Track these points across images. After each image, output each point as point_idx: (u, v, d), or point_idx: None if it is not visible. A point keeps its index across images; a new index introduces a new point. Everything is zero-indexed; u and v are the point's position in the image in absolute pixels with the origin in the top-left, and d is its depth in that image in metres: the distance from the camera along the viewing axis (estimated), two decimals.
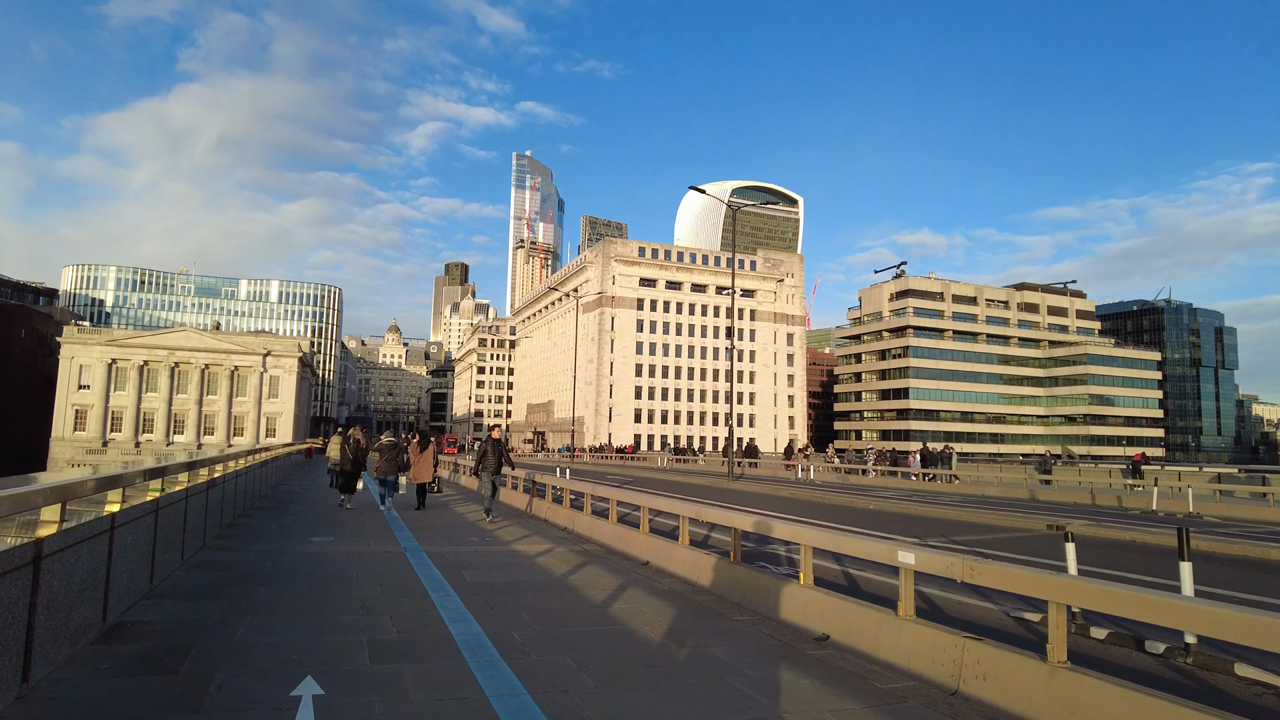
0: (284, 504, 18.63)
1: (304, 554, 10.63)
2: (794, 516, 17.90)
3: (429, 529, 14.30)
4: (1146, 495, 25.57)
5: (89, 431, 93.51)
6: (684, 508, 10.75)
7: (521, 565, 10.34)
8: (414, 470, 18.36)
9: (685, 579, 9.65)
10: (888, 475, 38.63)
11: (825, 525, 11.74)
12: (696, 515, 10.30)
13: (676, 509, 10.82)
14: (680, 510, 10.66)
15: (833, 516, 18.76)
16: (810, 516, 18.41)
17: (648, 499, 12.23)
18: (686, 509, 10.65)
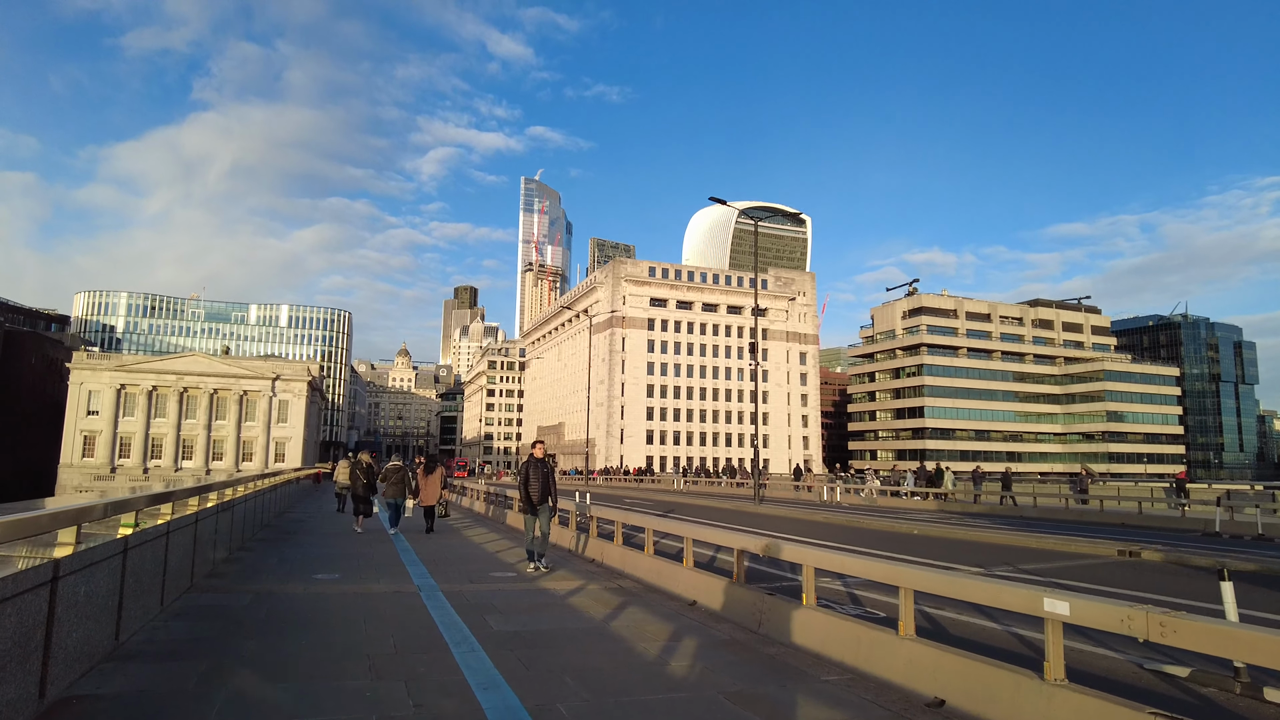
0: (287, 534, 17.37)
1: (305, 596, 9.33)
2: (848, 546, 16.49)
3: (443, 562, 12.99)
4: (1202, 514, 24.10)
5: (97, 458, 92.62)
6: (739, 540, 9.39)
7: (552, 608, 9.01)
8: (422, 494, 18.58)
9: (743, 624, 8.31)
10: (910, 497, 37.09)
11: (905, 560, 10.38)
12: (759, 549, 8.92)
13: (730, 541, 9.47)
14: (734, 543, 9.31)
15: (882, 544, 17.33)
16: (854, 544, 17.00)
17: (690, 528, 10.89)
18: (743, 541, 9.29)
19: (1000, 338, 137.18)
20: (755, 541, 9.21)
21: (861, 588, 11.11)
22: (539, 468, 12.24)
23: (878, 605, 9.94)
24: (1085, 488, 35.74)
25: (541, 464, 12.28)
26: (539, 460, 12.34)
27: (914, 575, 6.36)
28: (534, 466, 12.20)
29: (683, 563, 10.50)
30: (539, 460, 12.34)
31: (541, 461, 12.32)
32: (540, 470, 12.20)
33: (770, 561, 13.10)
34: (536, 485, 12.07)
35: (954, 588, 6.01)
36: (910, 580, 6.31)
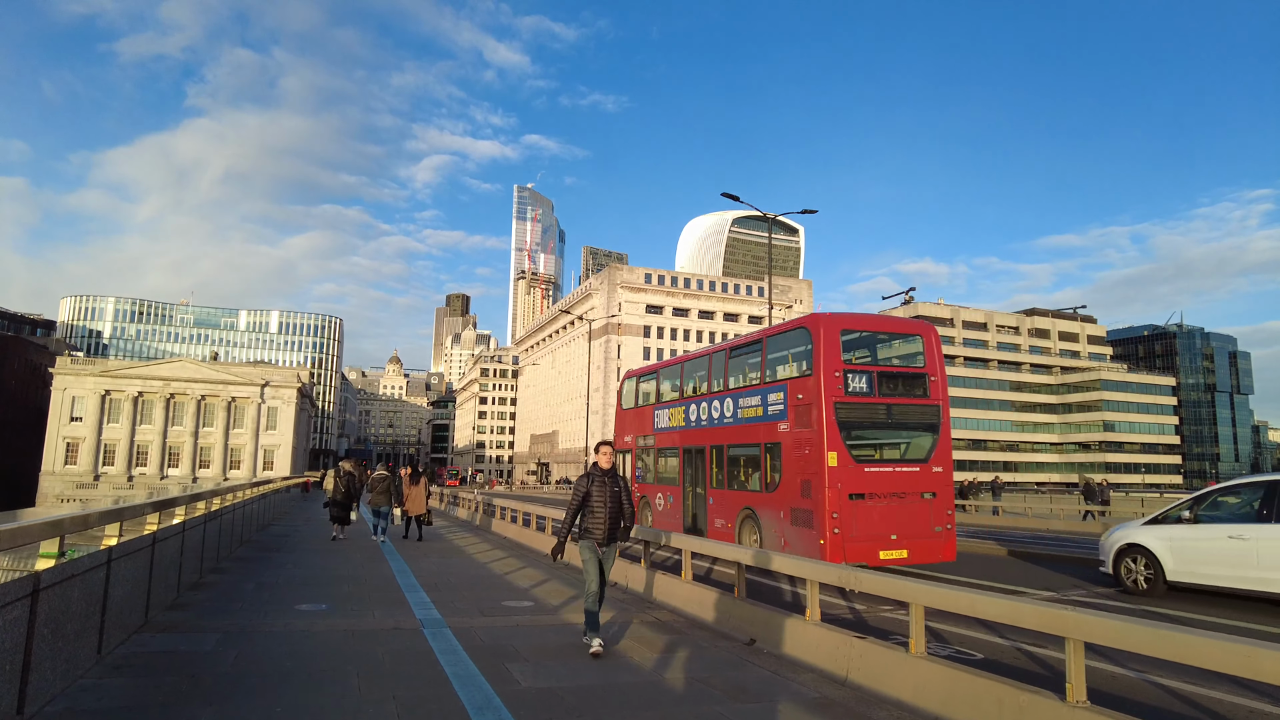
0: (270, 550, 15.68)
1: (284, 636, 7.67)
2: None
3: (446, 587, 11.35)
4: None
5: (80, 465, 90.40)
6: (810, 568, 7.80)
7: (587, 652, 7.40)
8: (408, 503, 18.77)
9: (829, 673, 6.74)
10: None
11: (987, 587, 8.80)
12: (834, 580, 7.32)
13: (798, 570, 7.88)
14: (807, 573, 7.71)
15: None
16: None
17: (735, 550, 9.31)
18: (818, 571, 7.69)
19: (997, 347, 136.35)
20: (829, 571, 7.63)
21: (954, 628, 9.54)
22: (607, 484, 7.85)
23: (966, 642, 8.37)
24: (1107, 498, 34.33)
25: (613, 478, 7.91)
26: (607, 473, 7.90)
27: (1085, 624, 4.86)
28: (600, 482, 7.81)
29: (734, 591, 8.92)
30: (607, 473, 7.90)
31: (613, 475, 7.93)
32: (610, 488, 7.84)
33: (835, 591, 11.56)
34: (604, 511, 7.73)
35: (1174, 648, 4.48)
36: (1078, 629, 4.86)
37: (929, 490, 14.12)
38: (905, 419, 14.76)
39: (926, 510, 14.20)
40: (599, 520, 7.74)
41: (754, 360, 16.70)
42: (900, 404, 14.58)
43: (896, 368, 15.45)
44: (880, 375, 14.58)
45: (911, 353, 15.84)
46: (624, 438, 22.86)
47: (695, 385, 19.34)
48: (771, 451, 15.14)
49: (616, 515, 7.85)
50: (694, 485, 18.44)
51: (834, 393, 13.73)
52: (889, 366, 15.33)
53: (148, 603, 7.65)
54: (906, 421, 14.77)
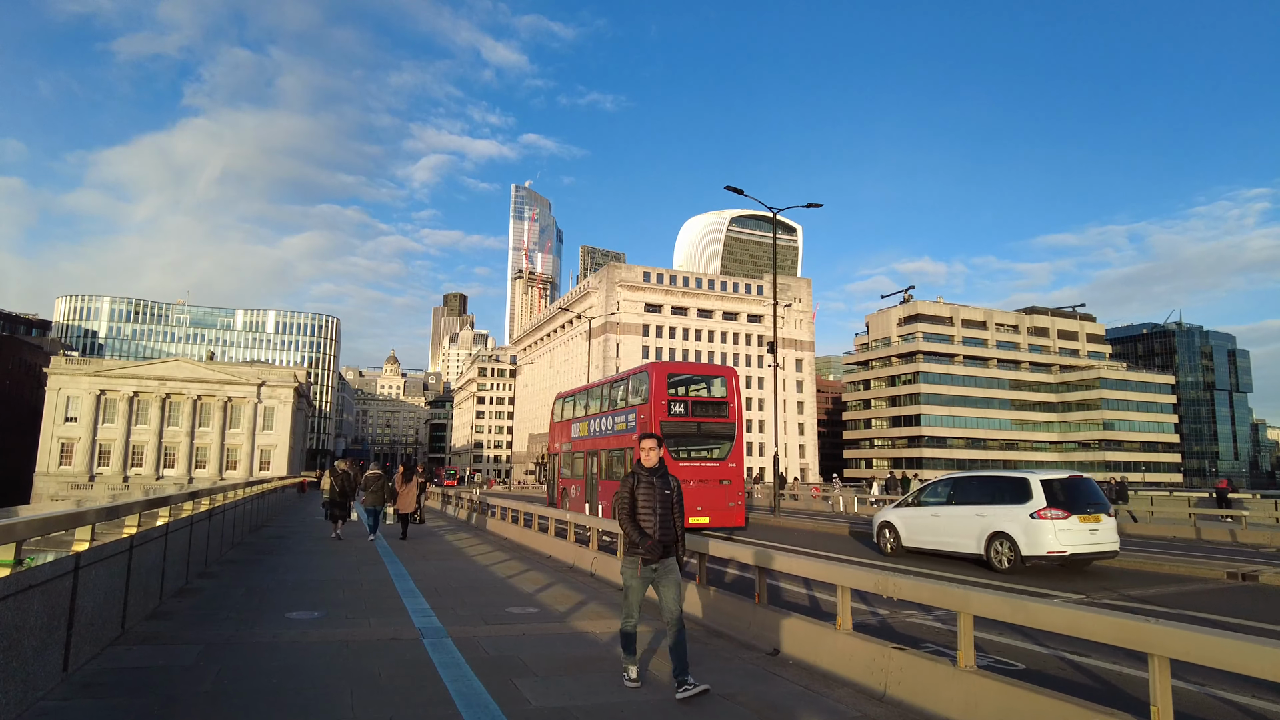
0: (263, 553, 15.10)
1: (272, 648, 7.09)
2: (927, 572, 14.36)
3: (446, 591, 10.78)
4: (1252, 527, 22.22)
5: (75, 465, 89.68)
6: (847, 575, 7.22)
7: (600, 665, 6.83)
8: (400, 501, 19.16)
9: (865, 687, 6.18)
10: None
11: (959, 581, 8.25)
12: (871, 586, 6.75)
13: (830, 576, 7.31)
14: (839, 579, 7.14)
15: (946, 564, 15.22)
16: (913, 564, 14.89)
17: (755, 555, 8.73)
18: (853, 578, 7.11)
19: (996, 345, 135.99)
20: (865, 577, 7.06)
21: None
22: (656, 485, 6.32)
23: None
24: (1126, 495, 33.87)
25: (663, 478, 6.38)
26: (655, 472, 6.39)
27: None
28: (647, 483, 6.31)
29: (754, 598, 8.36)
30: (655, 472, 6.39)
31: (663, 475, 6.41)
32: (660, 490, 6.32)
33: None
34: (653, 519, 6.22)
35: None
36: None
37: (725, 479, 21.47)
38: (710, 431, 22.00)
39: (723, 492, 21.46)
40: (650, 523, 6.26)
41: (621, 392, 24.15)
42: (706, 421, 22.00)
43: (705, 398, 22.92)
44: (692, 403, 22.31)
45: (717, 388, 23.31)
46: (554, 444, 30.51)
47: (590, 407, 26.68)
48: (629, 452, 21.89)
49: (669, 525, 6.31)
50: (591, 478, 24.88)
51: (660, 414, 21.08)
52: (699, 397, 22.92)
53: (124, 612, 7.08)
54: (711, 433, 22.00)
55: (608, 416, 24.47)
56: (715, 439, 21.95)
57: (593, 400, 26.89)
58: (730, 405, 22.33)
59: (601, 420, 24.99)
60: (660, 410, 21.14)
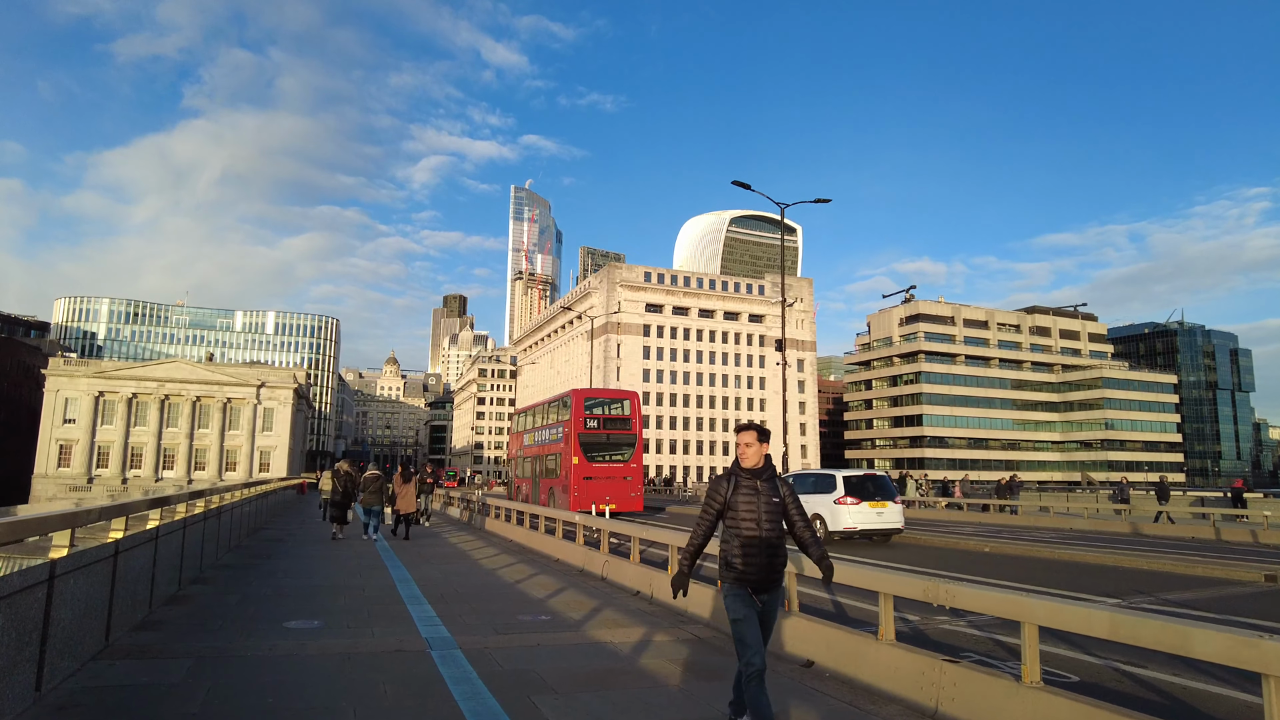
0: (261, 556, 14.57)
1: (268, 662, 6.56)
2: (924, 569, 13.84)
3: (453, 597, 10.26)
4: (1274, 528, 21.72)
5: (74, 467, 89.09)
6: (891, 582, 6.68)
7: (623, 679, 6.31)
8: (399, 502, 19.41)
9: (914, 704, 5.67)
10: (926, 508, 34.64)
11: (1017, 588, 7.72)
12: (919, 594, 6.21)
13: (870, 583, 6.77)
14: (882, 586, 6.60)
15: (961, 565, 14.71)
16: (916, 564, 14.36)
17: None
18: (898, 585, 6.56)
19: (998, 345, 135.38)
20: (912, 585, 6.52)
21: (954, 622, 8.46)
22: (761, 491, 4.86)
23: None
24: (1127, 496, 33.30)
25: (771, 481, 4.90)
26: (759, 473, 4.92)
27: None
28: (748, 487, 4.86)
29: (784, 604, 7.83)
30: (759, 473, 4.92)
31: (770, 476, 4.92)
32: (768, 496, 4.84)
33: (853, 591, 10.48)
34: (758, 532, 4.76)
35: None
36: None
37: (628, 476, 27.68)
38: (617, 441, 28.15)
39: (626, 486, 27.69)
40: (752, 548, 4.67)
41: (554, 410, 30.71)
42: (614, 434, 28.21)
43: (614, 415, 29.00)
44: (604, 419, 28.49)
45: (623, 406, 29.53)
46: (511, 451, 38.30)
47: (535, 421, 33.65)
48: (559, 457, 28.54)
49: (777, 541, 4.79)
50: (536, 477, 31.51)
51: (579, 428, 27.30)
52: (609, 414, 29.00)
53: (109, 623, 6.55)
54: (617, 442, 28.17)
55: (545, 429, 31.10)
56: (621, 446, 28.31)
57: (536, 416, 33.95)
58: (632, 420, 28.98)
59: (541, 432, 31.74)
60: (579, 425, 27.57)
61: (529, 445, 33.33)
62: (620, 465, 27.78)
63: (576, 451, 26.92)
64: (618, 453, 27.92)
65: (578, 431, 27.15)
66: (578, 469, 26.76)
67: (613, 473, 27.38)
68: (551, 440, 29.66)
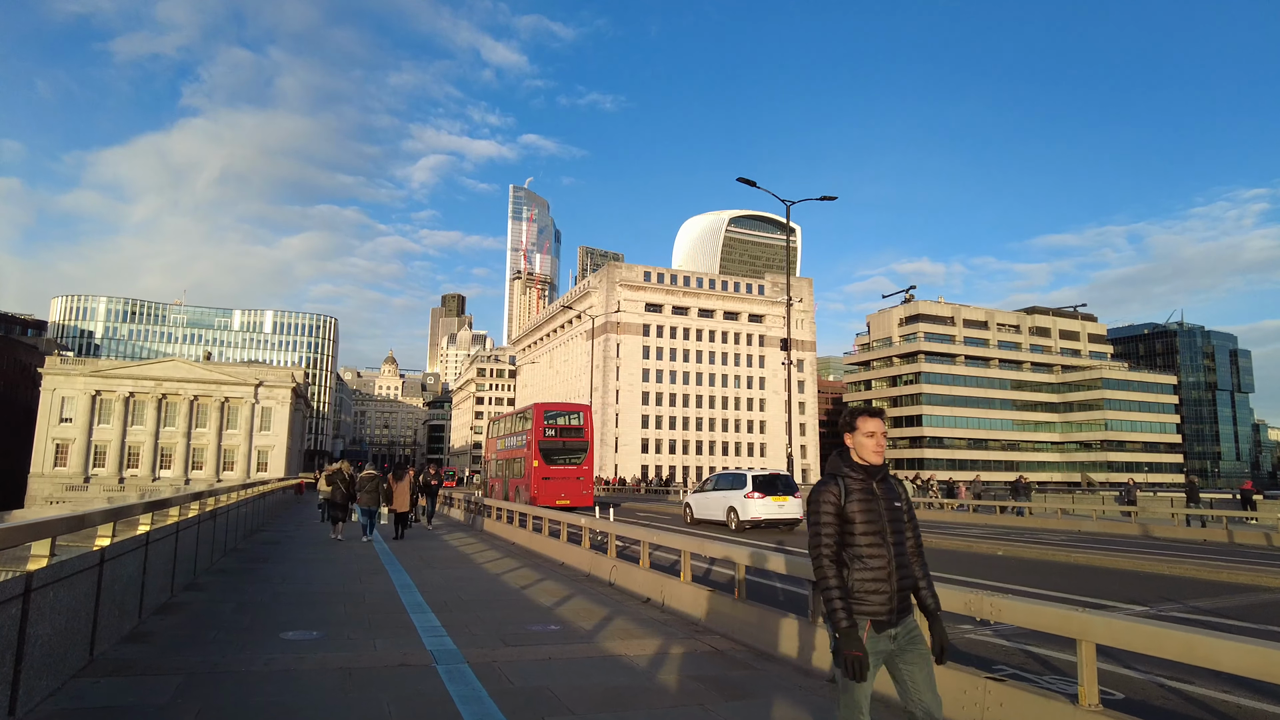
0: (258, 560, 14.15)
1: (263, 679, 6.15)
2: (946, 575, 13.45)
3: (457, 605, 9.85)
4: None
5: (70, 467, 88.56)
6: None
7: (646, 697, 5.90)
8: (396, 501, 19.50)
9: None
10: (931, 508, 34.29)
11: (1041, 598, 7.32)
12: (976, 611, 5.81)
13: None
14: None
15: (976, 569, 14.31)
16: (938, 569, 13.97)
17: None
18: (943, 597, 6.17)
19: (998, 345, 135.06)
20: (954, 597, 6.12)
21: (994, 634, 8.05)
22: (880, 497, 3.74)
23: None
24: (1134, 498, 32.96)
25: (887, 484, 3.83)
26: (875, 473, 3.82)
27: None
28: (864, 494, 3.71)
29: (809, 615, 7.43)
30: (875, 473, 3.82)
31: (886, 479, 3.84)
32: (888, 502, 3.76)
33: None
34: (885, 551, 3.63)
35: None
36: None
37: (581, 476, 31.75)
38: (572, 447, 32.39)
39: (579, 485, 31.79)
40: (877, 569, 3.57)
41: (519, 421, 35.57)
42: (569, 441, 32.48)
43: (570, 424, 33.41)
44: (560, 428, 32.82)
45: (577, 418, 33.80)
46: (487, 454, 43.28)
47: (504, 429, 38.32)
48: (524, 461, 32.72)
49: (906, 559, 3.71)
50: (506, 478, 35.69)
51: (539, 436, 31.62)
52: (566, 424, 33.32)
53: (93, 637, 6.14)
54: (572, 448, 32.40)
55: (513, 436, 35.78)
56: (575, 451, 32.60)
57: (506, 424, 39.00)
58: (585, 430, 33.42)
59: (510, 439, 36.44)
60: (539, 433, 32.02)
61: (500, 450, 38.01)
62: (574, 468, 32.20)
63: (537, 456, 31.51)
64: (573, 457, 32.40)
65: (538, 439, 31.84)
66: (538, 470, 31.22)
67: (568, 474, 31.81)
68: (517, 446, 34.35)
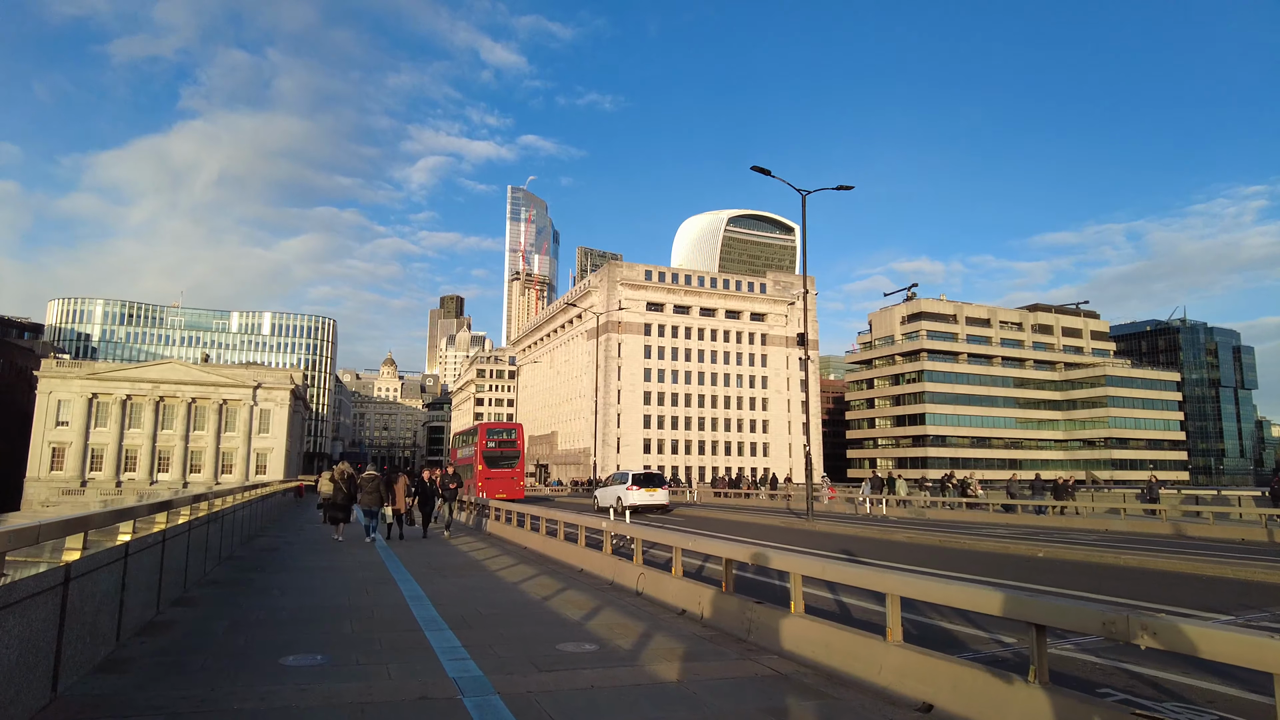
0: (255, 569, 13.15)
1: (261, 715, 5.18)
2: (978, 577, 12.47)
3: (477, 621, 8.86)
4: None
5: (67, 470, 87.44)
6: (1037, 609, 5.30)
7: None
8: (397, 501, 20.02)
9: None
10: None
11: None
12: (1116, 633, 4.87)
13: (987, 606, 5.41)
14: (1030, 615, 5.24)
15: (1019, 573, 13.35)
16: (970, 571, 13.00)
17: (895, 581, 6.86)
18: (1043, 612, 5.20)
19: (1000, 343, 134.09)
20: (1089, 618, 5.16)
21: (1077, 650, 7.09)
22: None
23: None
24: (1157, 495, 32.05)
25: None
26: None
27: None
28: None
29: (886, 634, 6.47)
30: None
31: None
32: None
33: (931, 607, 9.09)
34: None
35: None
36: None
37: (514, 476, 43.49)
38: (507, 455, 44.11)
39: (513, 482, 42.90)
40: None
41: (470, 435, 48.53)
42: (504, 451, 44.32)
43: (506, 439, 45.58)
44: (499, 441, 45.06)
45: (512, 433, 46.85)
46: (451, 460, 52.32)
47: (462, 442, 52.82)
48: (473, 465, 43.12)
49: None
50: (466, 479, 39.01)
51: (483, 448, 43.57)
52: (503, 439, 45.49)
53: (56, 670, 5.16)
54: (508, 456, 44.26)
55: (466, 447, 48.48)
56: (510, 458, 44.38)
57: (461, 438, 54.89)
58: (517, 442, 46.07)
59: (464, 449, 49.51)
60: (483, 446, 43.81)
61: (459, 457, 50.63)
62: (509, 470, 43.66)
63: (481, 462, 42.92)
64: (509, 462, 43.87)
65: (482, 450, 43.63)
66: (482, 472, 42.11)
67: (504, 474, 42.87)
68: (469, 455, 46.14)
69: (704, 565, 13.83)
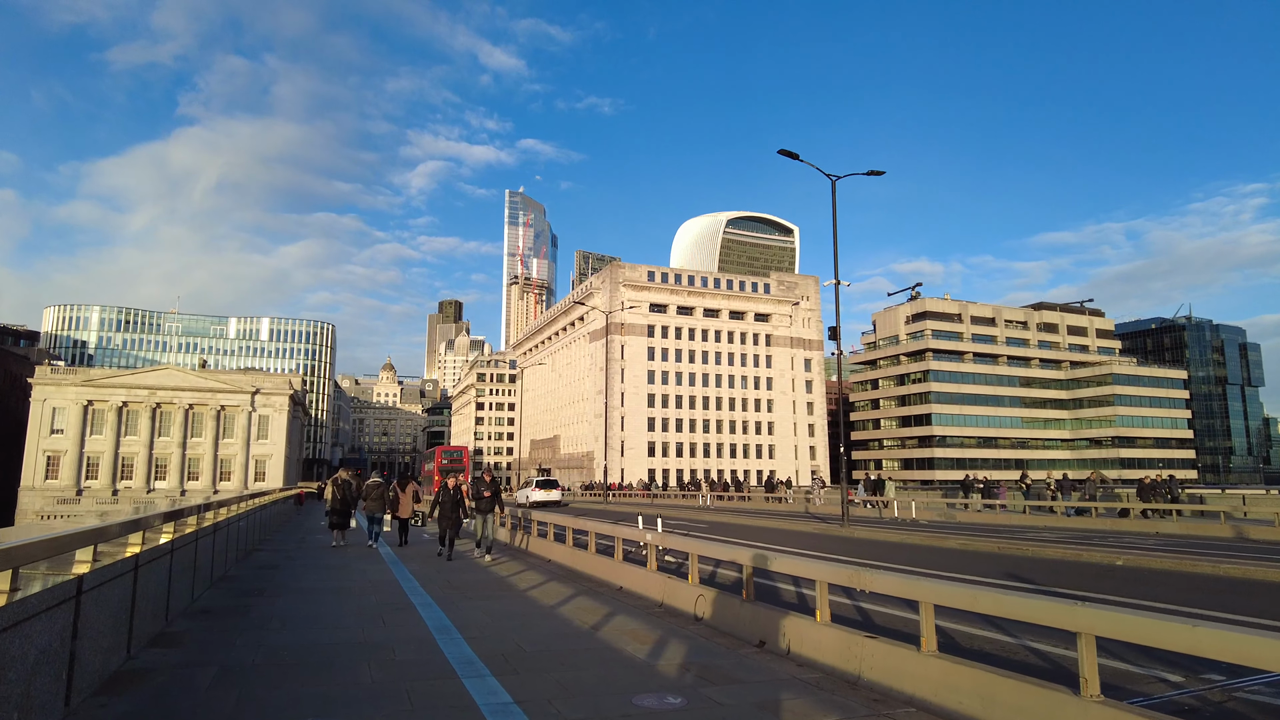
0: (252, 593, 11.55)
1: None
2: (1013, 583, 10.93)
3: (522, 664, 7.30)
4: None
5: (62, 479, 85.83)
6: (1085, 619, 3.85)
7: None
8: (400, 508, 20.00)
9: None
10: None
11: None
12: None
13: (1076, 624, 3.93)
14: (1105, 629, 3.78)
15: (1110, 585, 11.81)
16: (1049, 583, 11.47)
17: (933, 588, 5.33)
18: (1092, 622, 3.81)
19: (1005, 342, 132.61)
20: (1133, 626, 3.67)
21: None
22: None
23: None
24: (1177, 495, 30.58)
25: None
26: None
27: None
28: None
29: (920, 643, 4.93)
30: None
31: None
32: None
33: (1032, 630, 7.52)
34: None
35: None
36: None
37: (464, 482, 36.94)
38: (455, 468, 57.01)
39: None
40: None
41: (434, 454, 70.31)
42: (454, 465, 59.60)
43: (455, 457, 64.80)
44: (450, 458, 64.07)
45: (459, 453, 67.59)
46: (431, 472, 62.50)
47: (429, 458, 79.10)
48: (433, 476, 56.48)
49: None
50: None
51: (439, 462, 61.84)
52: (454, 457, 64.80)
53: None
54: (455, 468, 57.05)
55: (430, 462, 68.30)
56: (457, 470, 52.38)
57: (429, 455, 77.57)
58: (463, 459, 63.22)
59: (428, 463, 70.17)
60: (439, 461, 60.52)
61: (426, 469, 64.33)
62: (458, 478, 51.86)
63: (437, 473, 50.75)
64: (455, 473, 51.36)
65: (438, 465, 58.43)
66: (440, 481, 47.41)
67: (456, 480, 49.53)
68: (431, 469, 60.81)
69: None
